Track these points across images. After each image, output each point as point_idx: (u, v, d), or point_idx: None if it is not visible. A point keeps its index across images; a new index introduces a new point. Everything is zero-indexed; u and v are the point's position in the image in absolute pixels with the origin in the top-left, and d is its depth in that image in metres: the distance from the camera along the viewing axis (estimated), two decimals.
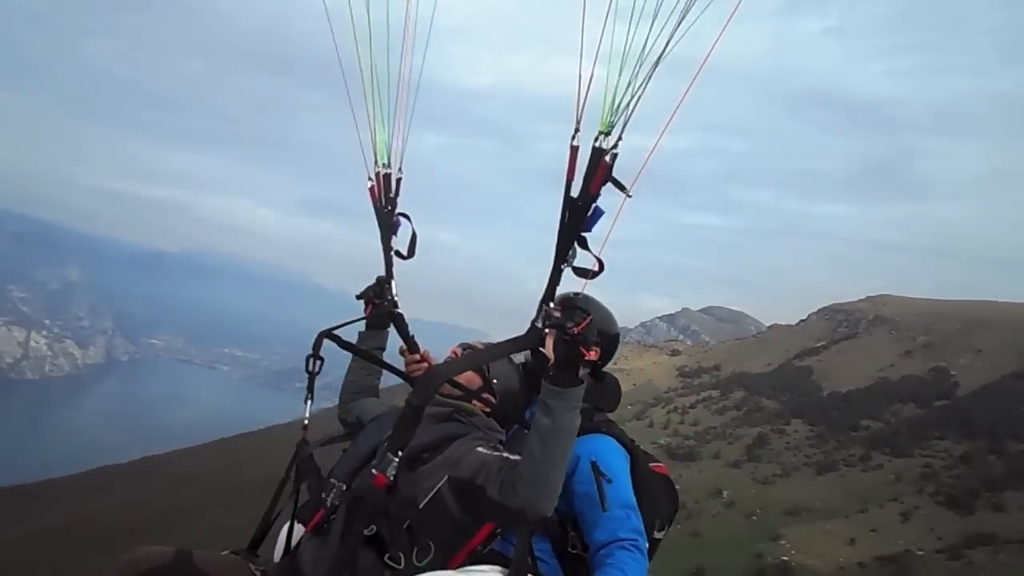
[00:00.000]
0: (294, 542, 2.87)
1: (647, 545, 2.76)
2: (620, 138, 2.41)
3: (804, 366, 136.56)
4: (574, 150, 2.42)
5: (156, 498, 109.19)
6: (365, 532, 2.42)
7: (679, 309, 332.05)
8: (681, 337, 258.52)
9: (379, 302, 3.44)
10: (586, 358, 2.48)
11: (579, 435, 2.75)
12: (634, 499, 2.81)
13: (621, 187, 2.41)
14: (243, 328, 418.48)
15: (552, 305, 2.54)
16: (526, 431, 2.78)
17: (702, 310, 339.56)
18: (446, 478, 2.60)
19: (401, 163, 3.55)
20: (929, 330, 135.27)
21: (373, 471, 2.52)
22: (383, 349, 3.58)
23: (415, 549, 2.48)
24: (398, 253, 3.51)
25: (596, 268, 2.50)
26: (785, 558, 74.55)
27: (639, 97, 2.37)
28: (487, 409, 2.96)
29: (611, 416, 3.27)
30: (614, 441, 2.99)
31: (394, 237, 3.53)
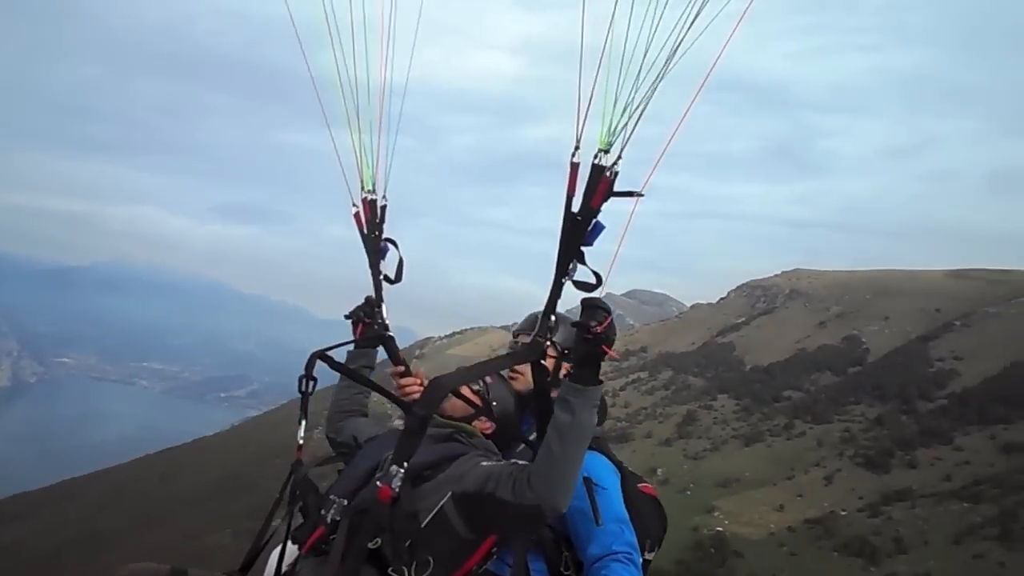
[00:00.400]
0: (286, 565, 2.85)
1: (641, 560, 2.80)
2: (620, 156, 2.45)
3: (727, 342, 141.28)
4: (574, 167, 2.47)
5: (77, 522, 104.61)
6: (370, 545, 2.41)
7: (602, 295, 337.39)
8: None
9: (369, 322, 3.44)
10: (608, 356, 2.57)
11: None
12: (627, 514, 2.86)
13: (628, 194, 2.47)
14: (161, 340, 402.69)
15: (553, 319, 2.64)
16: (523, 444, 2.98)
17: (625, 294, 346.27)
18: (449, 494, 2.59)
19: (385, 189, 3.59)
20: (840, 301, 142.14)
21: (378, 483, 2.53)
22: (372, 368, 3.58)
23: (414, 564, 2.45)
24: (386, 278, 3.55)
25: (595, 282, 2.62)
26: (719, 528, 77.27)
27: (638, 118, 2.42)
28: (487, 431, 3.00)
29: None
30: (605, 458, 3.04)
31: (382, 262, 3.57)
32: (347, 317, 3.46)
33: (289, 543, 2.82)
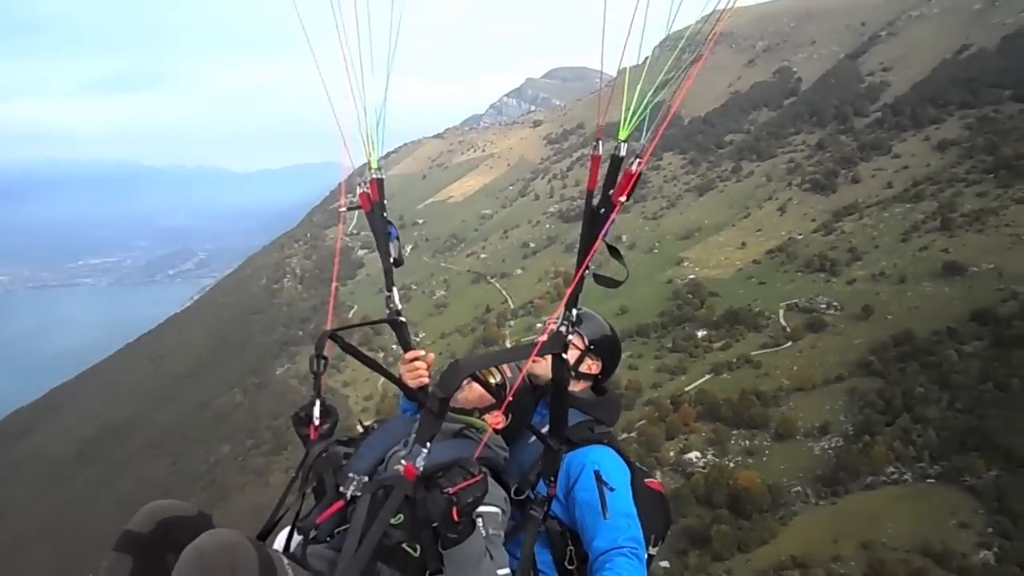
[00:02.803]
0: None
1: (646, 556, 2.82)
2: (638, 154, 2.38)
3: (660, 101, 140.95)
4: (595, 159, 2.41)
5: (86, 421, 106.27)
6: (392, 521, 2.42)
7: (523, 81, 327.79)
8: (533, 108, 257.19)
9: (322, 421, 3.02)
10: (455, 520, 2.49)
11: (582, 446, 2.96)
12: (634, 510, 2.87)
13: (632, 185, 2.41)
14: (89, 235, 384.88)
15: (575, 313, 2.58)
16: (533, 436, 2.92)
17: (545, 76, 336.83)
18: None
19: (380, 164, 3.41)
20: (765, 34, 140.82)
21: (403, 461, 2.57)
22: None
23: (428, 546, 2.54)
24: (396, 261, 3.34)
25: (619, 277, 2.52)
26: (691, 276, 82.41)
27: (661, 115, 2.32)
28: (499, 425, 2.94)
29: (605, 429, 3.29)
30: (615, 453, 3.04)
31: (392, 243, 3.36)
32: (294, 419, 3.04)
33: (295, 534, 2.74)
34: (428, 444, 2.47)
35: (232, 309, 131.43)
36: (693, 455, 46.93)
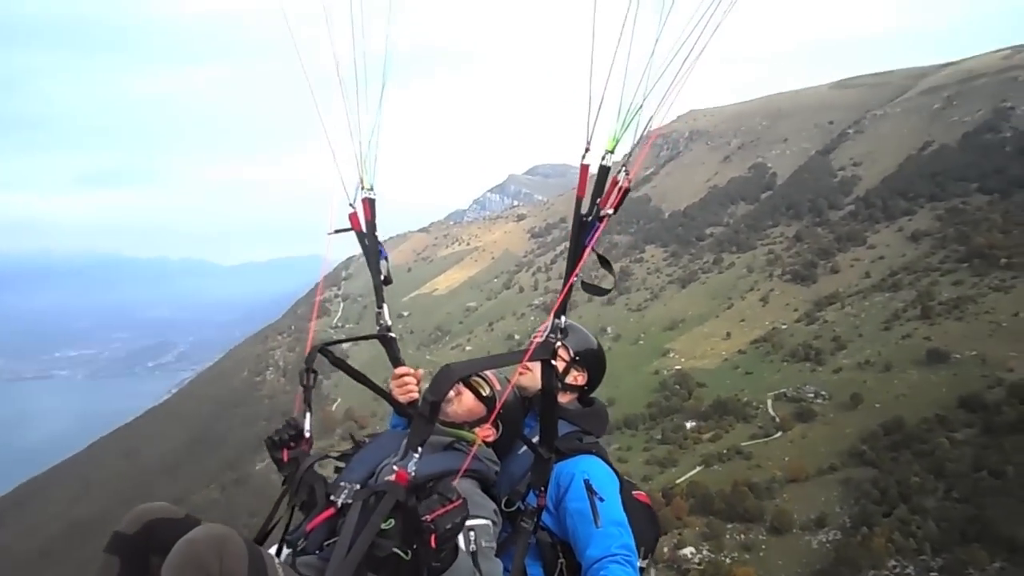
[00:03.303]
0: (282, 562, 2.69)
1: (638, 563, 2.84)
2: (627, 161, 2.41)
3: (641, 195, 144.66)
4: (584, 168, 2.42)
5: (54, 518, 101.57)
6: (383, 526, 2.38)
7: (506, 177, 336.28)
8: (516, 203, 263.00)
9: (295, 447, 2.97)
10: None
11: (571, 455, 2.97)
12: (625, 518, 2.87)
13: (623, 195, 2.46)
14: (68, 326, 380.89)
15: (563, 319, 2.60)
16: (523, 448, 2.95)
17: (527, 172, 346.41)
18: None
19: (373, 184, 3.39)
20: (738, 132, 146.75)
21: (395, 467, 2.55)
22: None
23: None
24: (386, 279, 3.36)
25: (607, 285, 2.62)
26: (678, 367, 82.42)
27: (648, 123, 2.36)
28: (489, 438, 2.95)
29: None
30: (604, 463, 3.06)
31: (384, 263, 3.36)
32: (268, 443, 2.98)
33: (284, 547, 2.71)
34: (420, 449, 2.47)
35: (212, 402, 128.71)
36: (688, 551, 45.56)
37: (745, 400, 66.41)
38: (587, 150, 2.34)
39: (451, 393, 2.80)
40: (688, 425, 66.37)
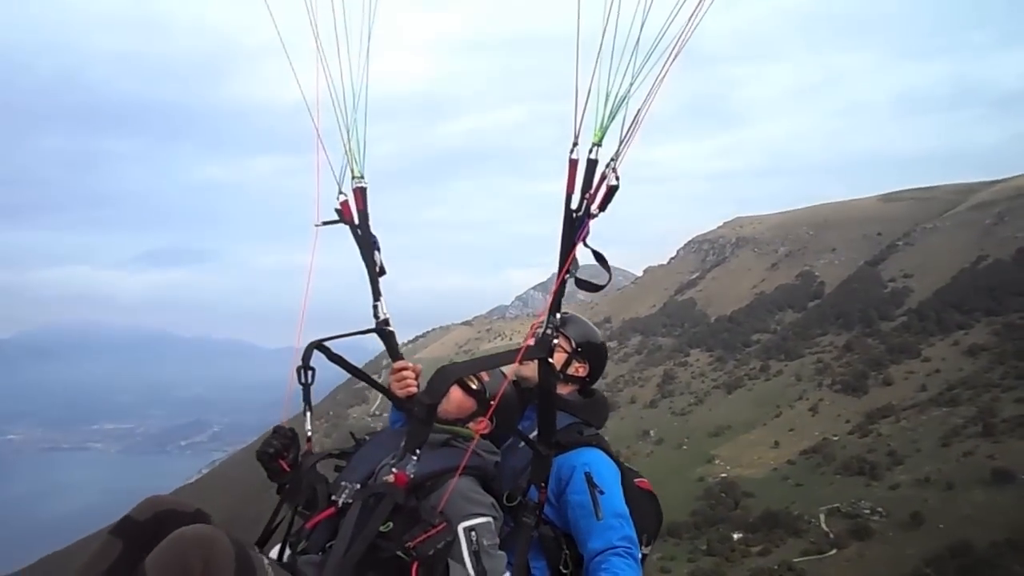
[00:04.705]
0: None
1: (640, 555, 2.84)
2: (617, 154, 2.39)
3: (687, 299, 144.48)
4: (573, 163, 2.41)
5: None
6: (381, 528, 2.39)
7: (549, 276, 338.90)
8: None
9: (287, 456, 2.92)
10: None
11: (571, 448, 2.95)
12: (627, 509, 2.87)
13: (611, 193, 2.44)
14: (109, 399, 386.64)
15: (558, 316, 2.60)
16: (522, 443, 2.91)
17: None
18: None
19: (363, 172, 3.31)
20: (786, 240, 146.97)
21: (393, 469, 2.57)
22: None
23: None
24: (381, 270, 3.29)
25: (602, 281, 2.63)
26: (723, 475, 79.54)
27: (636, 117, 2.35)
28: (484, 431, 2.93)
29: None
30: (605, 454, 3.05)
31: (377, 253, 3.28)
32: (259, 456, 2.94)
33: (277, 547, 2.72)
34: (417, 452, 2.49)
35: (244, 484, 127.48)
36: None
37: (796, 513, 63.41)
38: (575, 144, 2.37)
39: None
40: (735, 536, 63.29)
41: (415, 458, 2.48)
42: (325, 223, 3.25)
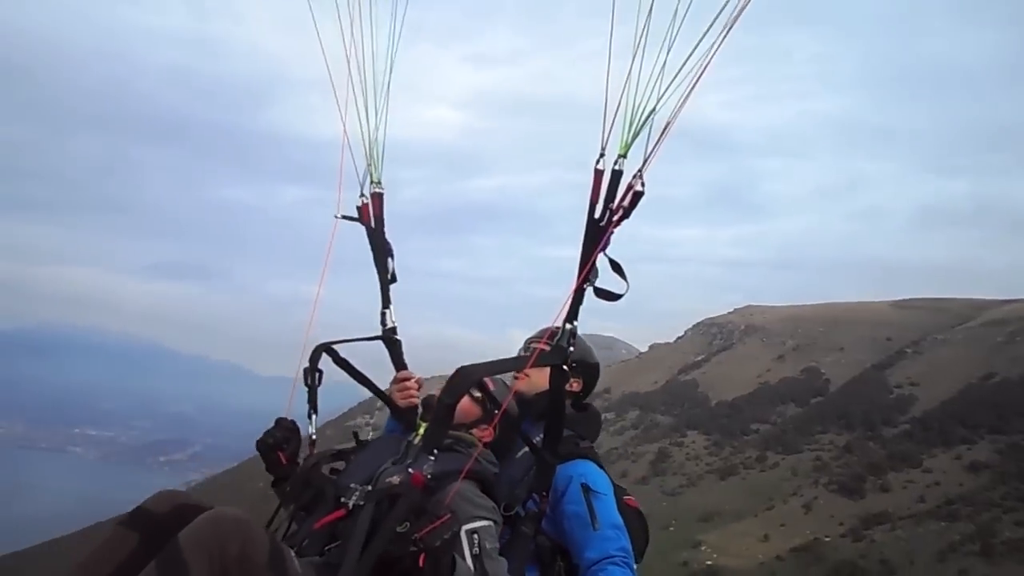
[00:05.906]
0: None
1: (635, 566, 2.83)
2: (643, 167, 2.46)
3: (689, 380, 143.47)
4: (598, 173, 2.46)
5: None
6: (399, 529, 2.33)
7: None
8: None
9: (287, 448, 2.97)
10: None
11: (567, 460, 2.97)
12: (622, 520, 2.89)
13: (635, 200, 2.49)
14: (94, 404, 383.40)
15: (569, 327, 2.59)
16: (520, 452, 2.95)
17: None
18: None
19: (380, 178, 3.41)
20: (795, 334, 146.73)
21: (410, 470, 2.55)
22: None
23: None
24: (392, 277, 3.31)
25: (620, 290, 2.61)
26: (709, 562, 77.40)
27: (664, 130, 2.41)
28: (486, 439, 2.96)
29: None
30: (599, 467, 3.09)
31: (390, 260, 3.31)
32: (259, 446, 2.98)
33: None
34: (435, 452, 2.52)
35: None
36: None
37: None
38: (601, 155, 2.43)
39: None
40: None
41: (432, 459, 2.51)
42: (344, 217, 3.29)
